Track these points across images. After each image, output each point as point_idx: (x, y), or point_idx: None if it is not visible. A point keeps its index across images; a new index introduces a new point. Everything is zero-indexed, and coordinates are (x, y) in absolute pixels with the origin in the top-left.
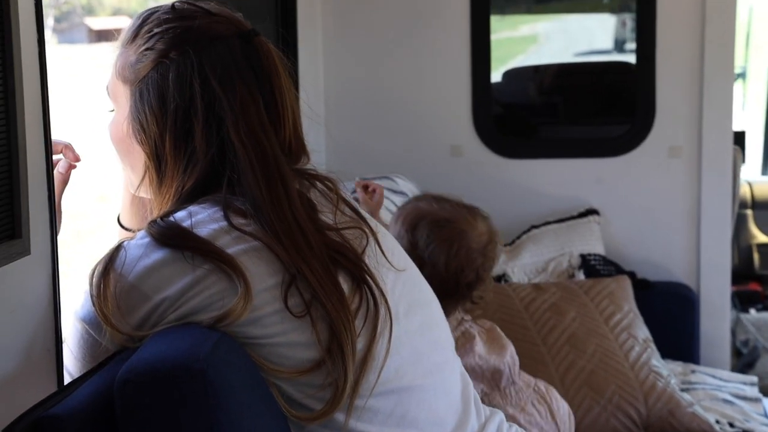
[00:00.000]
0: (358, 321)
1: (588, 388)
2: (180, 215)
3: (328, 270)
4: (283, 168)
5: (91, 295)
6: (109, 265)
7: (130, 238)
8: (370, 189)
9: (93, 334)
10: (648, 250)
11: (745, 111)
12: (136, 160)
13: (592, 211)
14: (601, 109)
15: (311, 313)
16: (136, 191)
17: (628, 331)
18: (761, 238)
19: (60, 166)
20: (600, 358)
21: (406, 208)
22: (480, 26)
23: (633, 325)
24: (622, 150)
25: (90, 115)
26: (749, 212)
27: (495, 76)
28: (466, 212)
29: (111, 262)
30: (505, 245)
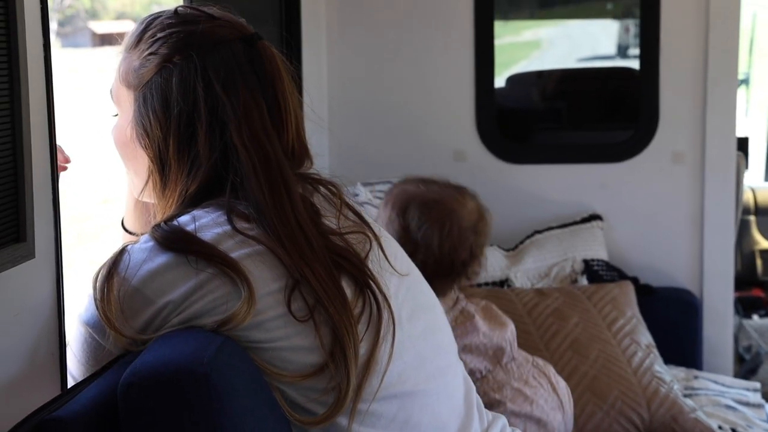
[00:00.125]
0: (361, 325)
1: (591, 394)
2: (184, 219)
3: (331, 274)
4: (286, 172)
5: (95, 299)
6: (113, 269)
7: (134, 242)
8: None
9: (96, 337)
10: (651, 255)
11: (749, 117)
12: (139, 165)
13: (595, 217)
14: (604, 115)
15: (314, 318)
16: (140, 195)
17: (631, 337)
18: (764, 244)
19: None
20: (603, 363)
21: (393, 192)
22: (484, 31)
23: (636, 331)
24: (625, 156)
25: (94, 119)
26: (752, 218)
27: (498, 81)
28: (454, 191)
29: (115, 265)
30: (507, 250)
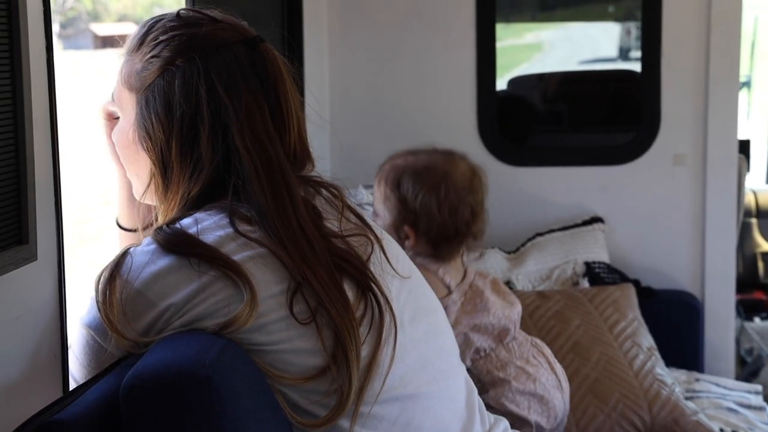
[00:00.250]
0: (363, 328)
1: (592, 396)
2: (186, 222)
3: (333, 277)
4: (288, 175)
5: (97, 301)
6: (115, 272)
7: (136, 245)
8: None
9: (98, 340)
10: (652, 258)
11: (750, 120)
12: (141, 167)
13: (596, 219)
14: (606, 117)
15: (316, 320)
16: (142, 198)
17: (633, 339)
18: (766, 246)
19: None
20: (604, 366)
21: (383, 169)
22: (485, 34)
23: (637, 333)
24: (626, 158)
25: (96, 121)
26: (754, 221)
27: (500, 84)
28: (443, 155)
29: (117, 268)
30: (509, 252)
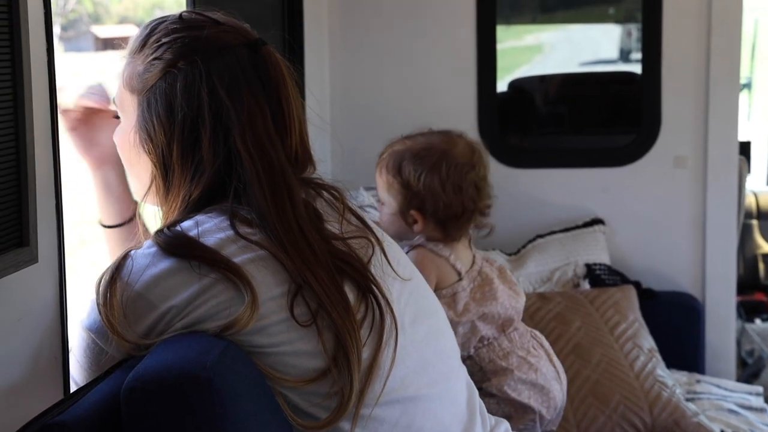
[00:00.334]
0: (364, 330)
1: (593, 398)
2: (187, 224)
3: (333, 279)
4: (289, 179)
5: (98, 304)
6: (116, 274)
7: (137, 247)
8: None
9: (99, 342)
10: (653, 259)
11: (751, 121)
12: (142, 169)
13: (597, 221)
14: (606, 119)
15: (317, 323)
16: (143, 199)
17: (633, 341)
18: (766, 248)
19: None
20: (605, 367)
21: (382, 158)
22: (486, 36)
23: (638, 335)
24: (627, 160)
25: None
26: (755, 222)
27: (500, 86)
28: (440, 135)
29: (118, 271)
30: (510, 254)
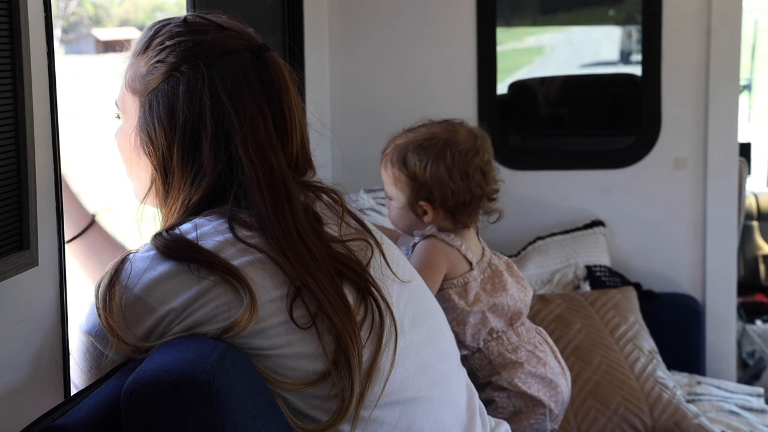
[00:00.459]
0: (363, 332)
1: (593, 400)
2: (185, 227)
3: (333, 282)
4: (289, 185)
5: (97, 308)
6: (115, 278)
7: (136, 250)
8: None
9: (98, 346)
10: (653, 261)
11: (751, 122)
12: (142, 171)
13: (597, 223)
14: (606, 121)
15: (317, 325)
16: (142, 201)
17: (634, 343)
18: (767, 249)
19: None
20: (605, 369)
21: (386, 153)
22: (486, 38)
23: (638, 337)
24: (627, 162)
25: (97, 125)
26: (755, 223)
27: (501, 88)
28: (442, 124)
29: (117, 274)
30: (510, 256)
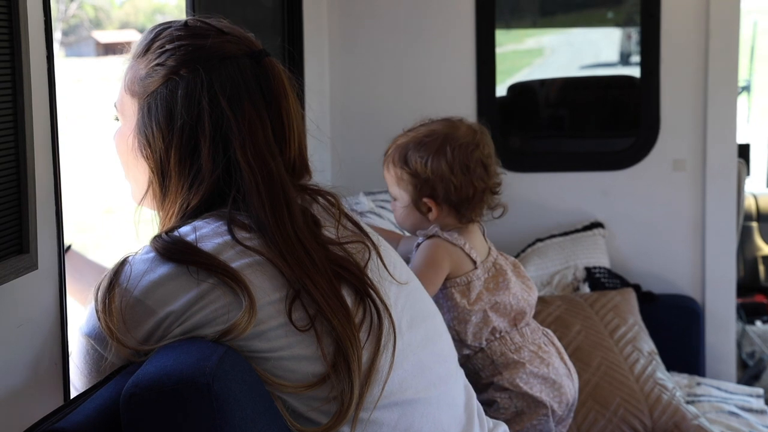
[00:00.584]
0: (362, 334)
1: (593, 401)
2: (184, 230)
3: (332, 285)
4: (287, 189)
5: (97, 310)
6: (114, 280)
7: (135, 253)
8: None
9: (98, 349)
10: (653, 262)
11: (750, 124)
12: (139, 173)
13: (596, 224)
14: (605, 123)
15: (316, 327)
16: (140, 204)
17: (633, 344)
18: (766, 250)
19: None
20: (605, 371)
21: (388, 153)
22: (485, 41)
23: (638, 338)
24: (626, 163)
25: (97, 128)
26: (754, 224)
27: (501, 90)
28: (441, 122)
29: (116, 277)
30: None
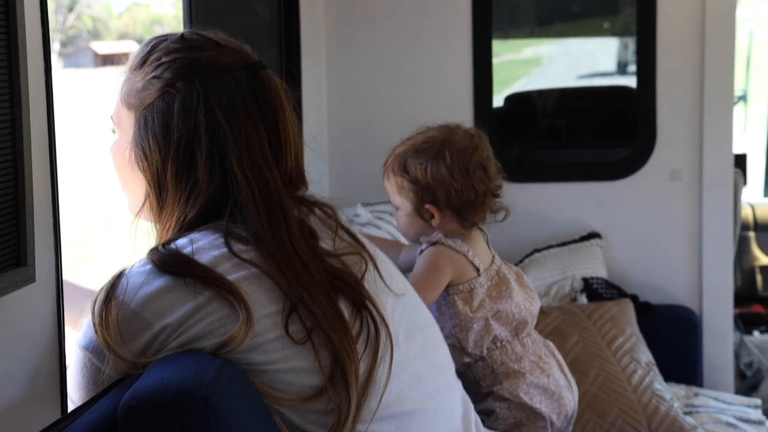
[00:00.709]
0: (359, 346)
1: (591, 412)
2: (181, 242)
3: (329, 297)
4: (284, 201)
5: (94, 323)
6: (111, 293)
7: (132, 266)
8: None
9: (95, 362)
10: (650, 273)
11: (747, 133)
12: (136, 186)
13: (594, 235)
14: (602, 133)
15: (313, 340)
16: (136, 216)
17: (631, 355)
18: (764, 260)
19: None
20: (602, 381)
21: (387, 163)
22: (482, 51)
23: (635, 349)
24: (623, 173)
25: (96, 140)
26: (752, 234)
27: (498, 100)
28: (438, 128)
29: (113, 289)
30: None
